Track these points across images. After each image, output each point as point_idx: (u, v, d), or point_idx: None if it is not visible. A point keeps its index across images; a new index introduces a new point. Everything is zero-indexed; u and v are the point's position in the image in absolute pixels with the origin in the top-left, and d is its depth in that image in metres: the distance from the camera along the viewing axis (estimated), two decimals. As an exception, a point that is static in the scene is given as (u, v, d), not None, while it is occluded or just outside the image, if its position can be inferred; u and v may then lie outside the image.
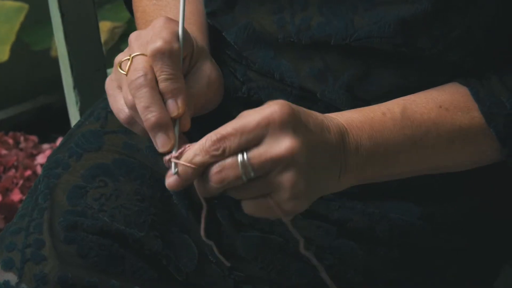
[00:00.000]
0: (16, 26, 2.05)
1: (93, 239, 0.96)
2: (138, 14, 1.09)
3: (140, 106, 0.87)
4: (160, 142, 0.88)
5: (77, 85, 1.39)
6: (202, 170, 0.84)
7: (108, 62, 1.42)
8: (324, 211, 1.01)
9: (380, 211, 1.00)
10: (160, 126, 0.87)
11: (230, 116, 1.02)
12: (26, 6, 2.06)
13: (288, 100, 0.98)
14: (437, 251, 1.02)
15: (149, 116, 0.87)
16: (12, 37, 2.05)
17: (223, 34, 1.02)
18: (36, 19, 2.10)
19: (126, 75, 0.89)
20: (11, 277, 0.95)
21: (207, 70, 0.94)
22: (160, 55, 0.88)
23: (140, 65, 0.88)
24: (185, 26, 0.93)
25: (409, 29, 0.92)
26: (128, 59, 0.89)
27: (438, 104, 0.93)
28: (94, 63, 1.40)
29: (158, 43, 0.88)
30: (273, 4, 0.97)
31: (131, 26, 2.14)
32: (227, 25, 1.01)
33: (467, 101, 0.93)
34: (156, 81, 0.88)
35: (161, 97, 0.88)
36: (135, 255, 0.98)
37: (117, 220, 0.97)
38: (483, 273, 1.08)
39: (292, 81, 0.99)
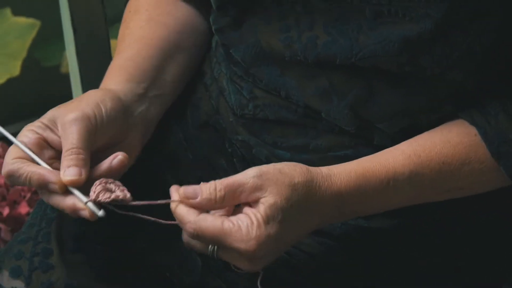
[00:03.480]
0: (28, 42, 2.06)
1: (100, 249, 0.98)
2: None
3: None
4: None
5: (87, 100, 1.40)
6: None
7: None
8: (327, 228, 1.02)
9: (382, 227, 1.02)
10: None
11: (236, 132, 1.04)
12: (38, 23, 2.08)
13: (293, 118, 1.00)
14: (440, 266, 1.03)
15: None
16: (23, 53, 2.06)
17: (231, 51, 1.03)
18: (47, 35, 2.12)
19: None
20: (19, 285, 0.96)
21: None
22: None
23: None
24: (113, 82, 1.01)
25: (413, 48, 0.93)
26: None
27: (441, 160, 0.95)
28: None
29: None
30: (280, 23, 0.98)
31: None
32: (234, 42, 1.02)
33: (469, 152, 0.95)
34: None
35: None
36: (140, 265, 0.99)
37: (124, 231, 0.99)
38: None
39: (297, 99, 1.00)
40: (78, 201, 0.89)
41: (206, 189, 0.89)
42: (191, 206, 0.89)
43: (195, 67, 1.11)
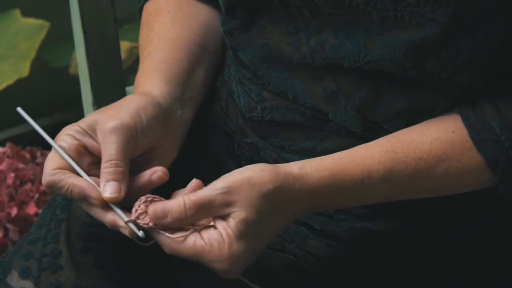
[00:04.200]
0: (37, 43, 2.06)
1: (109, 250, 0.98)
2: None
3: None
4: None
5: (96, 101, 1.41)
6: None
7: (126, 80, 1.44)
8: (334, 231, 1.02)
9: (389, 230, 1.02)
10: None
11: (244, 134, 1.05)
12: (47, 24, 2.08)
13: (301, 121, 1.01)
14: (446, 269, 1.03)
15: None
16: (32, 54, 2.06)
17: (239, 54, 1.04)
18: (56, 37, 2.12)
19: None
20: (28, 285, 0.96)
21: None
22: None
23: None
24: (149, 78, 1.01)
25: (419, 52, 0.93)
26: None
27: (417, 156, 0.95)
28: (114, 80, 1.41)
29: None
30: (289, 26, 0.99)
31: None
32: (243, 45, 1.03)
33: (446, 148, 0.95)
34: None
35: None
36: (149, 268, 0.99)
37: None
38: None
39: (305, 101, 1.00)
40: (118, 218, 0.90)
41: (176, 208, 0.89)
42: (163, 225, 0.90)
43: (217, 69, 1.11)
